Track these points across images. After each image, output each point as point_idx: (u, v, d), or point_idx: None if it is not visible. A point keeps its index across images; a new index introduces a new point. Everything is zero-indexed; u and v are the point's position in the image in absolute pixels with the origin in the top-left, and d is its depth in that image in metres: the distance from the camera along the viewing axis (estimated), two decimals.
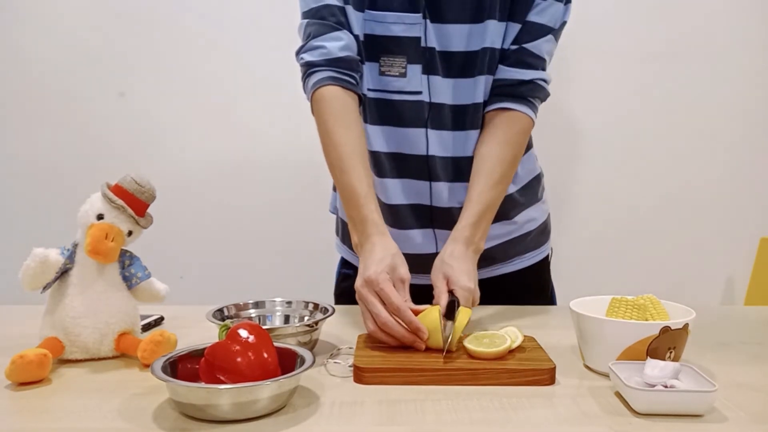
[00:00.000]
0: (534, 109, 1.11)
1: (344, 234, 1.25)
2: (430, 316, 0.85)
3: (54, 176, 1.97)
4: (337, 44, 1.03)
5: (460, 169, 1.12)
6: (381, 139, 1.11)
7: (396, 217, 1.15)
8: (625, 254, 2.00)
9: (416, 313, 0.86)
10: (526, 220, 1.22)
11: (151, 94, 1.96)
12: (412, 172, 1.13)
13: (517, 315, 1.12)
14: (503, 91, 1.09)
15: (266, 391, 0.66)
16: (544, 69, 1.11)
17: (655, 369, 0.71)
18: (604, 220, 2.00)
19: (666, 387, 0.69)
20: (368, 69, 1.09)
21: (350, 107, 1.03)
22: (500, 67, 1.09)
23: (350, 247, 1.23)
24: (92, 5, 1.92)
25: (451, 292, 0.93)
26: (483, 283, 1.00)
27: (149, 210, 0.91)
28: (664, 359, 0.76)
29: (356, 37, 1.05)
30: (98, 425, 0.66)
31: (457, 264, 0.96)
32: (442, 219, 1.14)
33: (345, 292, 1.25)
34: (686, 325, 0.78)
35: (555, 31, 1.09)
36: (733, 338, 1.00)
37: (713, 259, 2.02)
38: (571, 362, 0.86)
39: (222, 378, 0.68)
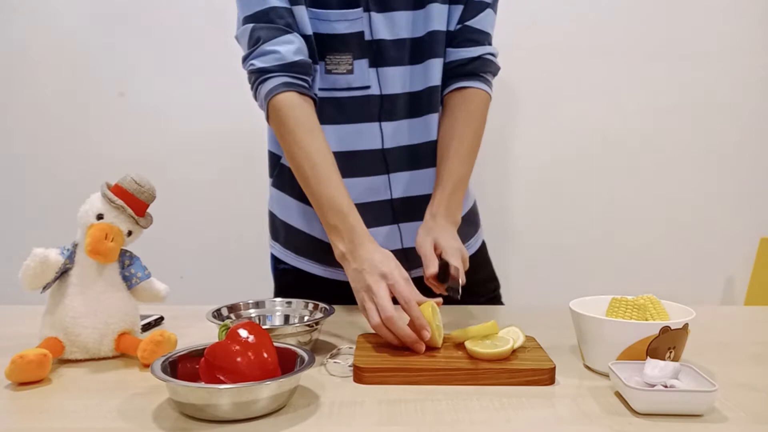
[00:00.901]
0: (488, 83, 1.13)
1: (276, 232, 1.24)
2: (425, 312, 0.85)
3: (54, 176, 1.97)
4: (290, 48, 1.00)
5: (418, 157, 1.13)
6: (333, 138, 1.09)
7: None
8: (625, 254, 2.00)
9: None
10: None
11: (151, 94, 1.96)
12: (369, 168, 1.11)
13: (516, 315, 1.12)
14: (455, 72, 1.12)
15: (266, 391, 0.66)
16: (490, 43, 1.14)
17: (655, 369, 0.71)
18: (605, 220, 2.00)
19: (666, 387, 0.69)
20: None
21: (310, 113, 1.02)
22: (448, 49, 1.11)
23: (285, 246, 1.22)
24: (92, 5, 1.92)
25: (439, 257, 0.95)
26: (416, 282, 0.97)
27: (149, 210, 0.91)
28: (664, 359, 0.76)
29: (308, 37, 1.04)
30: (98, 425, 0.66)
31: (440, 228, 0.99)
32: (406, 211, 1.14)
33: (285, 288, 1.24)
34: (686, 325, 0.78)
35: (492, 5, 1.12)
36: (733, 338, 1.00)
37: (713, 259, 2.02)
38: (571, 362, 0.86)
39: (222, 378, 0.68)
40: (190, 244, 1.99)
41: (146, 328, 1.01)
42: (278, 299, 0.99)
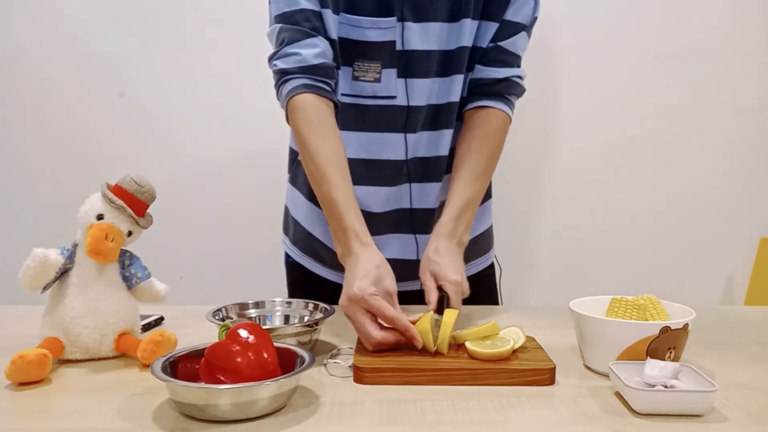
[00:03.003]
0: (510, 105, 1.12)
1: (287, 226, 1.27)
2: (425, 323, 0.85)
3: (54, 176, 1.97)
4: (312, 51, 1.01)
5: (433, 169, 1.12)
6: (355, 145, 1.09)
7: (375, 225, 1.11)
8: (624, 254, 2.00)
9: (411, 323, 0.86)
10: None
11: (151, 94, 1.95)
12: (391, 177, 1.12)
13: (516, 315, 1.12)
14: (480, 90, 1.11)
15: (266, 391, 0.66)
16: (519, 66, 1.13)
17: (655, 369, 0.71)
18: (605, 220, 2.00)
19: (666, 387, 0.69)
20: (341, 73, 1.07)
21: (326, 115, 1.01)
22: (477, 66, 1.10)
23: (292, 242, 1.25)
24: (92, 5, 1.92)
25: (440, 288, 0.94)
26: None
27: (149, 210, 0.91)
28: (664, 359, 0.76)
29: (333, 41, 1.04)
30: (98, 425, 0.66)
31: (442, 260, 0.97)
32: (422, 222, 1.15)
33: (294, 282, 1.27)
34: (686, 325, 0.78)
35: (528, 28, 1.11)
36: (733, 338, 1.00)
37: (713, 259, 2.02)
38: (571, 362, 0.86)
39: (222, 378, 0.68)
40: (190, 244, 1.99)
41: (146, 328, 1.01)
42: (278, 299, 0.99)
